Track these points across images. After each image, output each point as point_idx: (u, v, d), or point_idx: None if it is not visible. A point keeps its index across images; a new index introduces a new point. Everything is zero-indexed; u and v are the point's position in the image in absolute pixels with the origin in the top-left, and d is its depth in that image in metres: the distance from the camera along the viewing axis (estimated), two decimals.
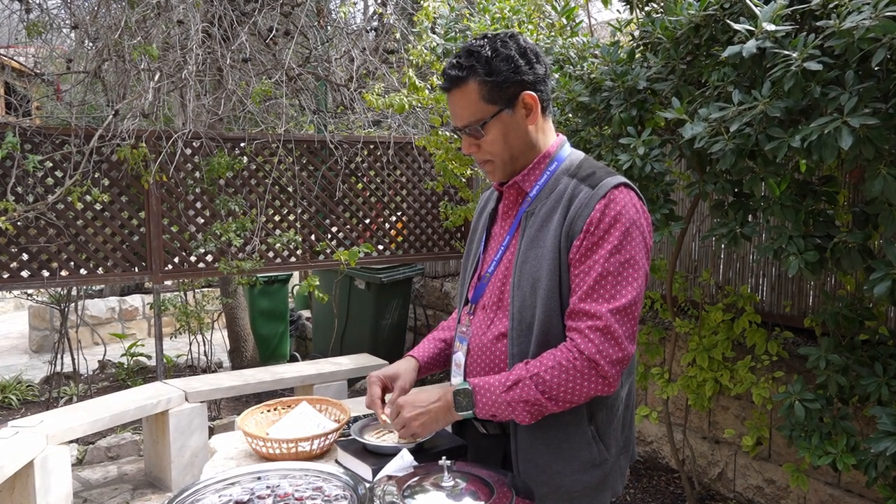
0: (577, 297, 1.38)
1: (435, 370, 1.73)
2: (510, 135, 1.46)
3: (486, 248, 1.61)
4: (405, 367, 1.65)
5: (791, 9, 1.91)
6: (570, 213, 1.42)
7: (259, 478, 1.43)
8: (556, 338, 1.42)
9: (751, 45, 1.85)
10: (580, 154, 1.54)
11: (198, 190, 4.45)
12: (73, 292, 5.35)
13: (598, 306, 1.35)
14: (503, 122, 1.44)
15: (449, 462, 1.31)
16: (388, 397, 1.57)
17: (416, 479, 1.31)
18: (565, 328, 1.42)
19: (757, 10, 1.90)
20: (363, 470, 1.57)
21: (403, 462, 1.48)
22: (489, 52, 1.42)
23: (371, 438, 1.68)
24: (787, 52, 1.77)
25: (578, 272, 1.39)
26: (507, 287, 1.49)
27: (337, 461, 1.70)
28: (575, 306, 1.38)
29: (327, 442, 1.78)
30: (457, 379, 1.59)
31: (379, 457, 1.59)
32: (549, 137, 1.53)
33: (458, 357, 1.59)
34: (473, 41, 1.47)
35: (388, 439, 1.68)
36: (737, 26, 1.93)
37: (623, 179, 1.44)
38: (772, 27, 1.84)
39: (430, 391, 1.47)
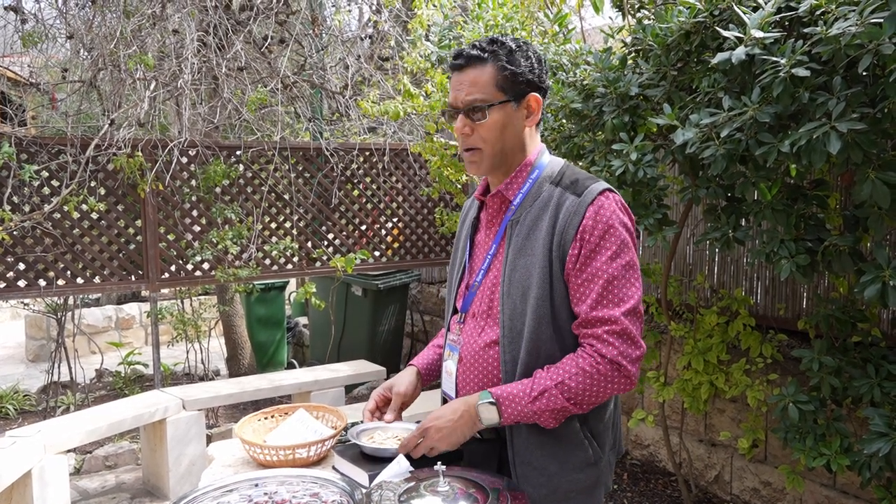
0: (588, 305, 1.40)
1: (437, 377, 1.75)
2: (508, 128, 1.49)
3: (472, 257, 1.63)
4: (405, 375, 1.71)
5: (779, 16, 1.93)
6: (559, 221, 1.44)
7: (256, 485, 1.44)
8: (545, 344, 1.44)
9: (740, 52, 1.87)
10: (559, 161, 1.57)
11: (194, 198, 4.46)
12: (70, 301, 5.35)
13: (610, 311, 1.39)
14: (507, 112, 1.47)
15: (444, 467, 1.32)
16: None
17: (412, 484, 1.32)
18: (577, 336, 1.44)
19: (745, 18, 1.92)
20: (360, 476, 1.57)
21: (400, 468, 1.49)
22: (513, 45, 1.47)
23: (368, 444, 1.69)
24: (775, 59, 1.79)
25: (582, 280, 1.41)
26: (496, 295, 1.51)
27: (334, 467, 1.71)
28: (588, 315, 1.40)
29: (324, 448, 1.79)
30: (448, 387, 1.61)
31: (375, 462, 1.60)
32: (535, 146, 1.57)
33: (449, 365, 1.61)
34: (497, 35, 1.52)
35: (386, 444, 1.69)
36: (726, 33, 1.96)
37: (606, 185, 1.47)
38: (760, 34, 1.86)
39: (452, 406, 1.47)
